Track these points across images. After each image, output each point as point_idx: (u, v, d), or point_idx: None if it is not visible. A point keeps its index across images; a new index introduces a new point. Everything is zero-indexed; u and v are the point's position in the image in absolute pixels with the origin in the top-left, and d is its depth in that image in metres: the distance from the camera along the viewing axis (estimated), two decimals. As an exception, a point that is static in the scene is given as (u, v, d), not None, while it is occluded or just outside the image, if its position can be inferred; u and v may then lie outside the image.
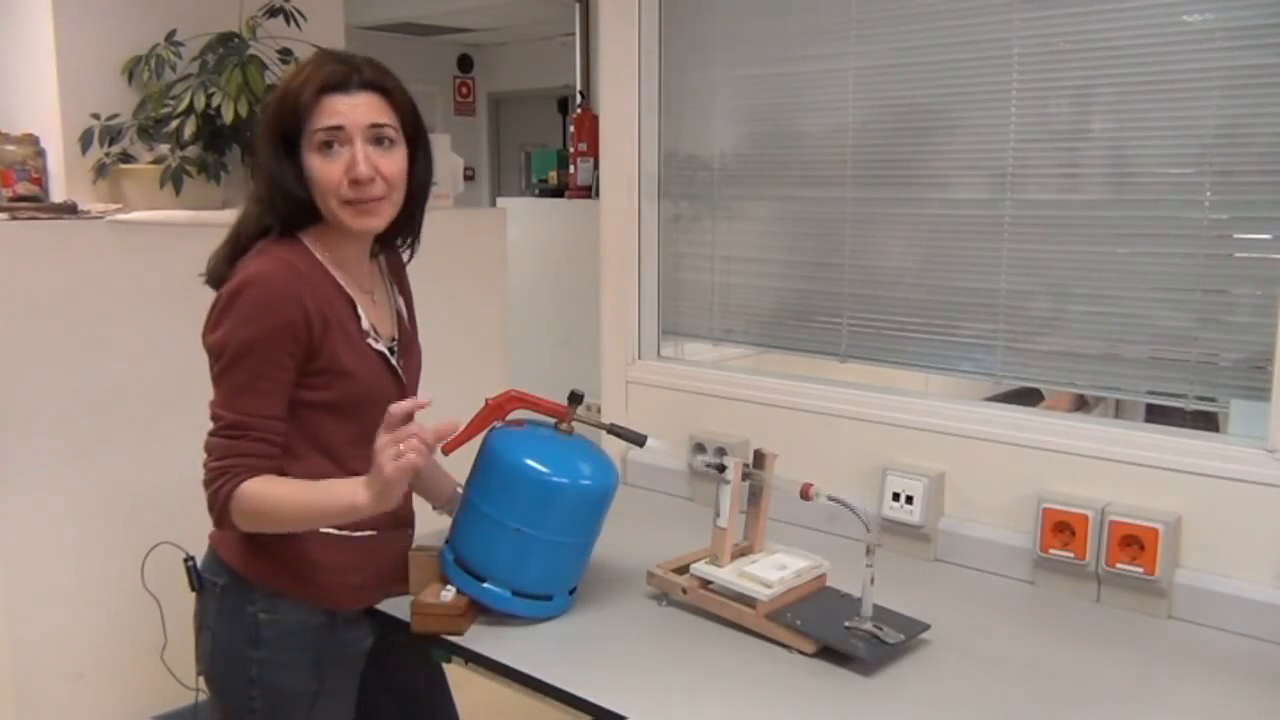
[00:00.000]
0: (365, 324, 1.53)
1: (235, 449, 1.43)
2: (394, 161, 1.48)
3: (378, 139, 1.46)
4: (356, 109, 1.45)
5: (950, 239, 1.95)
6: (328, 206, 1.47)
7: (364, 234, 1.53)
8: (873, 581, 1.51)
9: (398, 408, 1.37)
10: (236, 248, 1.48)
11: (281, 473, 1.46)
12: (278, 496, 1.44)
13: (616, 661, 1.49)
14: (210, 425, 1.45)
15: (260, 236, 1.48)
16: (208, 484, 1.44)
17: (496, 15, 6.74)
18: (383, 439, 1.37)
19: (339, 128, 1.44)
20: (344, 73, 1.45)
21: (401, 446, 1.35)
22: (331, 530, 1.52)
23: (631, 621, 1.62)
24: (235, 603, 1.52)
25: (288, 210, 1.48)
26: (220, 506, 1.43)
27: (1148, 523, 1.66)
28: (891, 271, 2.04)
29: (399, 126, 1.49)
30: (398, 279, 1.67)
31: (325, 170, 1.45)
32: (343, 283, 1.51)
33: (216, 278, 1.47)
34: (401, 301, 1.66)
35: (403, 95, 1.50)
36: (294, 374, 1.45)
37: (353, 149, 1.44)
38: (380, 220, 1.50)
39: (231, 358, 1.42)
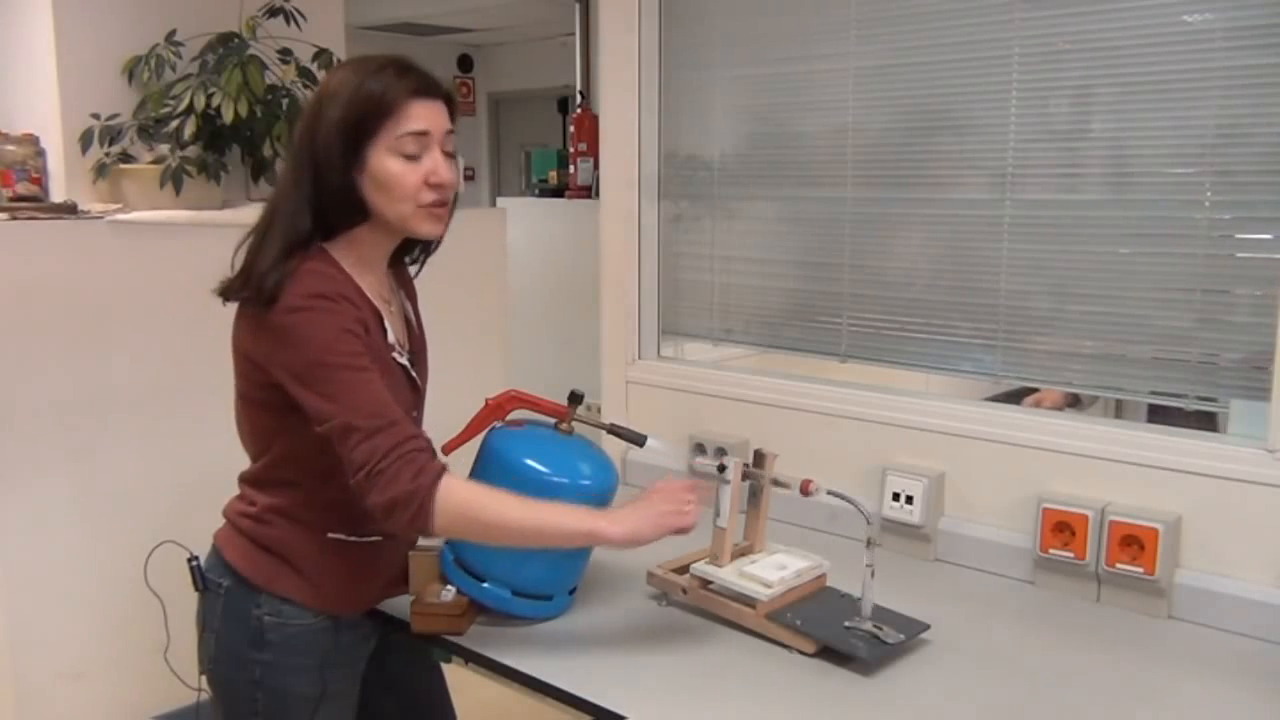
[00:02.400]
0: (391, 337, 1.52)
1: (397, 435, 1.35)
2: (456, 170, 1.51)
3: (445, 146, 1.48)
4: (437, 116, 1.46)
5: (950, 239, 1.95)
6: (398, 211, 1.45)
7: (428, 238, 1.54)
8: (873, 574, 1.51)
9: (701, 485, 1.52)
10: (285, 256, 1.42)
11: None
12: (499, 504, 1.40)
13: (616, 661, 1.49)
14: (345, 441, 1.35)
15: (301, 240, 1.44)
16: (389, 483, 1.33)
17: (496, 15, 6.74)
18: (678, 483, 1.49)
19: (425, 133, 1.44)
20: (425, 80, 1.46)
21: (691, 507, 1.46)
22: (338, 536, 1.52)
23: (631, 621, 1.62)
24: (239, 605, 1.52)
25: (336, 216, 1.45)
26: (422, 501, 1.34)
27: (1148, 523, 1.66)
28: (892, 271, 2.04)
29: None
30: (404, 284, 1.66)
31: (406, 174, 1.44)
32: (370, 295, 1.50)
33: (268, 287, 1.39)
34: (410, 307, 1.66)
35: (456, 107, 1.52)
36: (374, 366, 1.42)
37: (434, 154, 1.45)
38: (445, 227, 1.52)
39: (321, 369, 1.37)
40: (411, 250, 1.63)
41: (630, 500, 1.49)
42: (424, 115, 1.45)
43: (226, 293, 1.46)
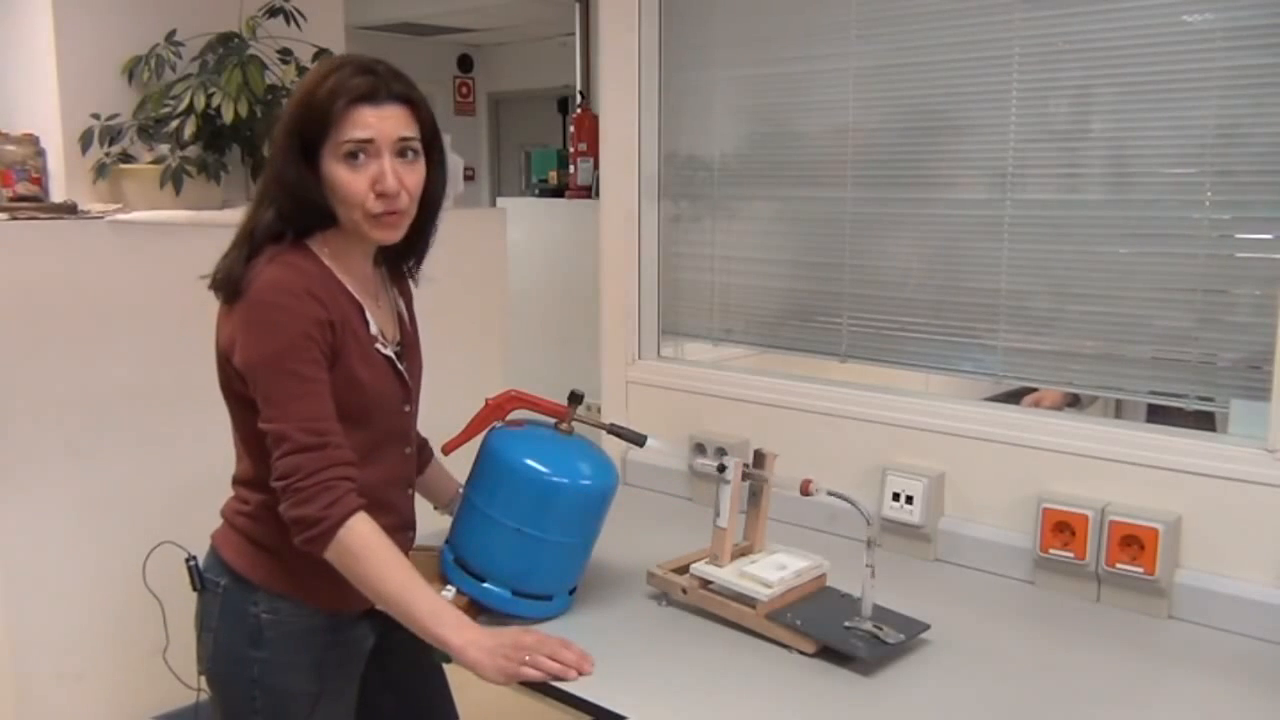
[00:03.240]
0: (374, 329, 1.52)
1: (326, 459, 1.37)
2: (416, 174, 1.48)
3: (402, 152, 1.45)
4: (386, 121, 1.43)
5: (950, 239, 1.95)
6: (350, 217, 1.46)
7: (380, 243, 1.52)
8: (873, 574, 1.51)
9: (577, 658, 1.43)
10: (248, 251, 1.45)
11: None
12: (382, 566, 1.39)
13: (616, 661, 1.49)
14: (277, 447, 1.38)
15: (271, 240, 1.46)
16: (303, 503, 1.36)
17: (496, 15, 6.74)
18: (534, 638, 1.42)
19: (369, 140, 1.42)
20: (374, 84, 1.43)
21: (537, 660, 1.40)
22: None
23: (631, 621, 1.62)
24: (237, 603, 1.52)
25: (298, 214, 1.46)
26: (325, 530, 1.36)
27: (1148, 523, 1.66)
28: (892, 271, 2.04)
29: (420, 139, 1.48)
30: (398, 282, 1.66)
31: (351, 181, 1.42)
32: (350, 288, 1.50)
33: (231, 283, 1.43)
34: (402, 303, 1.65)
35: (426, 107, 1.49)
36: (328, 375, 1.43)
37: (380, 162, 1.43)
38: (399, 233, 1.49)
39: (272, 370, 1.39)
40: (403, 255, 1.62)
41: (506, 630, 1.44)
42: (369, 122, 1.42)
43: (211, 284, 1.48)
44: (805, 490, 1.57)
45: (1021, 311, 1.87)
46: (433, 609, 1.41)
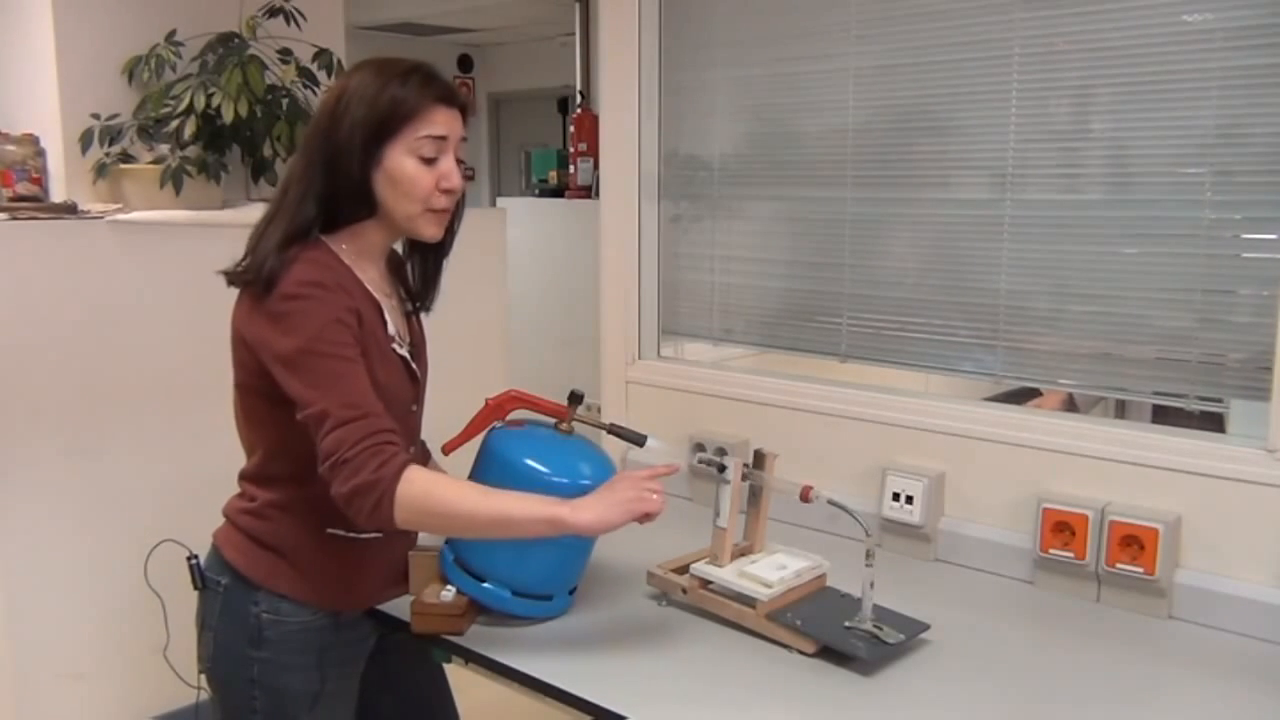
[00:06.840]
0: (391, 329, 1.53)
1: (368, 428, 1.36)
2: (461, 176, 1.55)
3: (456, 155, 1.52)
4: (454, 123, 1.51)
5: (950, 239, 1.95)
6: (406, 210, 1.49)
7: (428, 240, 1.55)
8: (872, 585, 1.51)
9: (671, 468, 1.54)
10: (286, 243, 1.45)
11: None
12: (460, 495, 1.40)
13: (616, 661, 1.49)
14: (319, 429, 1.36)
15: (303, 229, 1.46)
16: (354, 474, 1.34)
17: (496, 15, 6.74)
18: (640, 471, 1.47)
19: (444, 137, 1.48)
20: (451, 87, 1.51)
21: (655, 495, 1.44)
22: (337, 532, 1.51)
23: (631, 621, 1.62)
24: (238, 603, 1.52)
25: (343, 208, 1.48)
26: (382, 492, 1.34)
27: (1148, 523, 1.66)
28: (892, 271, 2.04)
29: None
30: (403, 283, 1.67)
31: (421, 176, 1.47)
32: (369, 286, 1.52)
33: (266, 276, 1.42)
34: (410, 304, 1.66)
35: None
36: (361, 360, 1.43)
37: (448, 159, 1.50)
38: (443, 230, 1.56)
39: (308, 357, 1.39)
40: (424, 260, 1.64)
41: (594, 490, 1.46)
42: (444, 121, 1.49)
43: (231, 277, 1.48)
44: (805, 497, 1.57)
45: (1022, 311, 1.87)
46: (539, 506, 1.41)
